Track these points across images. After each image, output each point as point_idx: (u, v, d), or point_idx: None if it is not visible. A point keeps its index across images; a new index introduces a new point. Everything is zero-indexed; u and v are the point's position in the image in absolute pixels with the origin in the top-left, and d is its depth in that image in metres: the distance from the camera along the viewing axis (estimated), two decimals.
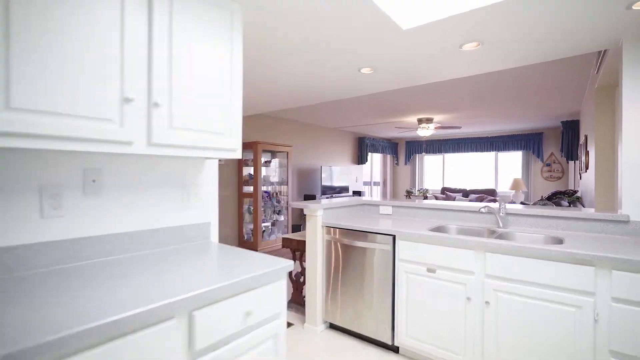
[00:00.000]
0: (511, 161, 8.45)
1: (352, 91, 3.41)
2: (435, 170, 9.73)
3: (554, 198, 4.58)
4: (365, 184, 9.30)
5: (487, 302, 1.84)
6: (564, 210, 2.18)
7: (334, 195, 7.16)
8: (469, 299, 1.91)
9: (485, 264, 1.86)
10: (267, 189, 5.86)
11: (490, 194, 8.04)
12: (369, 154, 9.17)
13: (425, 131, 6.35)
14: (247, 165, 5.58)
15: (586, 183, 4.31)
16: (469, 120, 6.72)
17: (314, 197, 6.66)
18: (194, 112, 1.35)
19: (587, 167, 4.13)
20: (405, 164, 10.01)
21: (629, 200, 2.00)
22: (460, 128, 6.98)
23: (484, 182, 8.76)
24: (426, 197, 9.07)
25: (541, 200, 4.13)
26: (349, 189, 7.67)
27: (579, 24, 1.88)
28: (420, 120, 6.36)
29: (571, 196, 4.40)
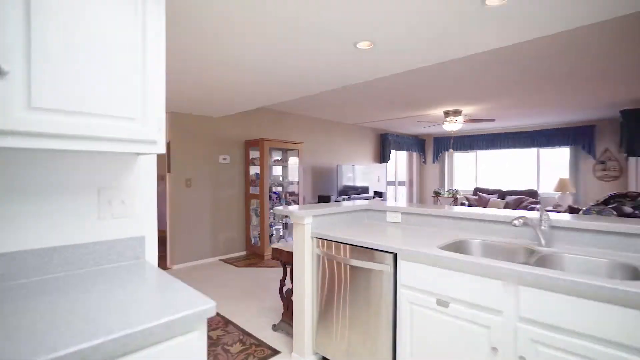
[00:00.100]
0: (556, 159, 7.44)
1: (351, 74, 2.90)
2: (467, 168, 8.87)
3: (612, 202, 3.76)
4: (390, 184, 8.66)
5: (522, 358, 1.28)
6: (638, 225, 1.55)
7: (353, 197, 6.64)
8: (494, 349, 1.35)
9: (518, 302, 1.30)
10: (278, 189, 5.47)
11: (531, 195, 7.10)
12: (393, 151, 8.51)
13: (453, 125, 5.63)
14: (254, 164, 5.22)
15: None
16: (504, 112, 5.91)
17: (329, 199, 6.17)
18: (78, 87, 0.93)
19: None
20: (434, 162, 9.23)
21: None
22: (494, 121, 6.18)
23: (524, 183, 7.80)
24: (456, 199, 8.24)
25: (596, 205, 3.36)
26: (369, 190, 7.09)
27: None
28: (447, 113, 5.66)
29: (635, 200, 3.58)
